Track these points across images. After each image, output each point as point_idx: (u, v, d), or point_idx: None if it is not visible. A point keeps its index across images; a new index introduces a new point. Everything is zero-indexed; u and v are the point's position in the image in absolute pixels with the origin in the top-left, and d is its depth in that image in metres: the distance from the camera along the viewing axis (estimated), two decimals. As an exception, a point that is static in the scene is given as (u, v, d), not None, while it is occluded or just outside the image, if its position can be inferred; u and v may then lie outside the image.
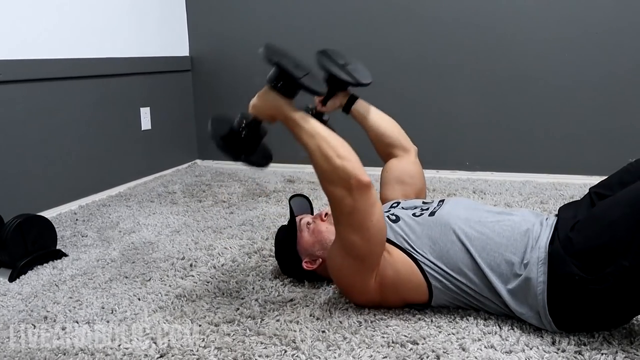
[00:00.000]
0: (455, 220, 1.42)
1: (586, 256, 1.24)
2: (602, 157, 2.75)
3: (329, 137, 1.39)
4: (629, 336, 1.30)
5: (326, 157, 1.36)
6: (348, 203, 1.35)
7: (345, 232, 1.39)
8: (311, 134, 1.39)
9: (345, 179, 1.34)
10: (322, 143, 1.37)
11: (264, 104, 1.45)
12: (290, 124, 1.43)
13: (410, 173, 1.79)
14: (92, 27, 2.77)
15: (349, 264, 1.42)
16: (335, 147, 1.36)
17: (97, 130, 2.82)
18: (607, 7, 2.68)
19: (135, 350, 1.33)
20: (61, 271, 1.85)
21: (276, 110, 1.43)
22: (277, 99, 1.43)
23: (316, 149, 1.37)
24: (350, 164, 1.34)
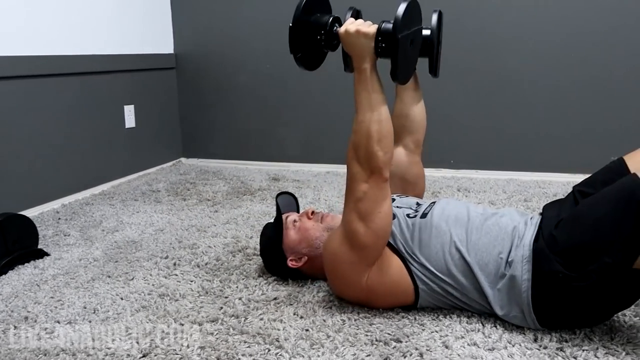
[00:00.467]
0: (445, 222, 1.43)
1: (570, 254, 1.25)
2: (585, 155, 2.78)
3: (385, 121, 1.35)
4: (610, 332, 1.31)
5: (369, 136, 1.33)
6: (362, 188, 1.35)
7: (350, 218, 1.38)
8: (371, 107, 1.35)
9: (370, 165, 1.34)
10: (374, 122, 1.34)
11: (355, 40, 1.36)
12: (360, 77, 1.37)
13: (415, 173, 1.77)
14: (76, 23, 2.74)
15: (346, 252, 1.40)
16: (383, 133, 1.34)
17: (81, 128, 2.79)
18: (592, 9, 2.71)
19: (118, 350, 1.32)
20: (42, 271, 1.83)
21: (359, 56, 1.37)
22: (369, 48, 1.35)
23: (366, 122, 1.34)
24: (384, 156, 1.34)
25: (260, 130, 3.39)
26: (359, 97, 1.37)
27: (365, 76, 1.36)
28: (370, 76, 1.36)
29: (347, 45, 1.39)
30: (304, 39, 1.42)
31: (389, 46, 1.32)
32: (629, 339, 1.29)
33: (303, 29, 1.40)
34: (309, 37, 1.42)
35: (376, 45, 1.34)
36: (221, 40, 3.40)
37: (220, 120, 3.49)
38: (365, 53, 1.35)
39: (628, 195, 1.18)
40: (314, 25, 1.42)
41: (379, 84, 1.37)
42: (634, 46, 2.67)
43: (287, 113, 3.33)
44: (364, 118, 1.35)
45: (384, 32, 1.33)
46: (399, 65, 1.34)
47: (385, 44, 1.32)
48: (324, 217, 1.63)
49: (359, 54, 1.36)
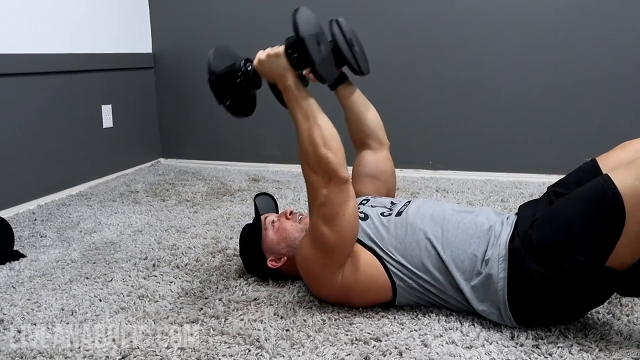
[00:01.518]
0: (421, 219, 1.45)
1: (544, 252, 1.27)
2: (559, 156, 2.83)
3: (324, 124, 1.38)
4: (584, 329, 1.34)
5: (313, 143, 1.36)
6: (323, 193, 1.36)
7: (316, 223, 1.40)
8: (306, 115, 1.39)
9: (325, 170, 1.35)
10: (314, 127, 1.37)
11: (270, 65, 1.42)
12: (289, 95, 1.41)
13: (383, 169, 1.80)
14: (53, 21, 2.71)
15: (316, 256, 1.42)
16: (325, 137, 1.36)
17: (57, 128, 2.76)
18: (565, 11, 2.76)
19: (97, 352, 1.31)
20: (19, 272, 1.81)
21: (279, 77, 1.42)
22: (285, 66, 1.40)
23: (306, 131, 1.38)
24: (334, 157, 1.35)
25: (239, 131, 3.38)
26: (293, 112, 1.41)
27: (292, 93, 1.40)
28: (297, 90, 1.40)
29: (265, 73, 1.44)
30: (226, 87, 1.47)
31: (299, 52, 1.37)
32: (602, 335, 1.32)
33: (222, 78, 1.46)
34: (230, 83, 1.47)
35: (289, 58, 1.39)
36: (200, 39, 3.38)
37: (199, 120, 3.47)
38: (283, 70, 1.40)
39: (600, 195, 1.21)
40: (230, 72, 1.47)
41: (308, 95, 1.42)
42: (606, 50, 2.73)
43: (266, 113, 3.31)
44: (303, 128, 1.39)
45: (290, 42, 1.38)
46: (315, 63, 1.37)
47: (295, 52, 1.37)
48: (302, 217, 1.64)
49: (278, 74, 1.41)
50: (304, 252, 1.47)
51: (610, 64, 2.74)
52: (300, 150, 1.40)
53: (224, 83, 1.46)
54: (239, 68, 1.47)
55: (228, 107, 1.49)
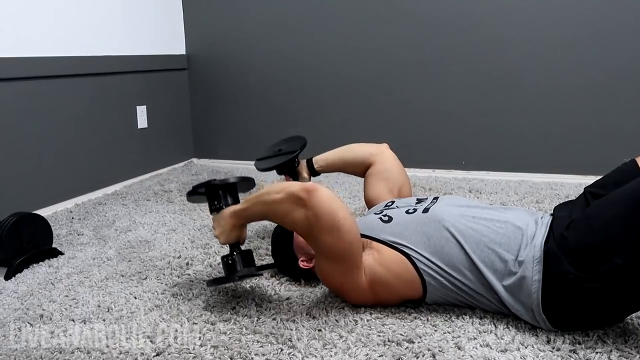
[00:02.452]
0: (448, 216, 1.43)
1: (580, 255, 1.24)
2: (597, 157, 2.76)
3: (264, 193, 1.47)
4: (624, 335, 1.31)
5: (273, 205, 1.44)
6: (310, 215, 1.37)
7: (319, 239, 1.40)
8: (256, 207, 1.48)
9: (293, 199, 1.39)
10: (263, 201, 1.46)
11: (223, 228, 1.53)
12: (246, 216, 1.52)
13: (386, 167, 1.89)
14: (88, 25, 2.77)
15: (333, 268, 1.43)
16: (270, 194, 1.45)
17: (93, 129, 2.82)
18: (599, 8, 2.69)
19: (132, 349, 1.33)
20: (57, 269, 1.85)
21: (234, 222, 1.53)
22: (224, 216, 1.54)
23: (267, 210, 1.47)
24: (287, 189, 1.41)
25: (271, 132, 3.39)
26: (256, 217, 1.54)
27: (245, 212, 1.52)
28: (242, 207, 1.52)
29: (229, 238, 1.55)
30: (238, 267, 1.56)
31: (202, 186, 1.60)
32: (642, 341, 1.28)
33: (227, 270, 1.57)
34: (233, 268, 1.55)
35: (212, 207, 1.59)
36: (232, 41, 3.41)
37: (231, 121, 3.51)
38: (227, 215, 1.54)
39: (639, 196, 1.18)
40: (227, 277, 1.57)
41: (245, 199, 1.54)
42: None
43: (296, 113, 3.34)
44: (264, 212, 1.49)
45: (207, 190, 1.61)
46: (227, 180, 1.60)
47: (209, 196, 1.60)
48: None
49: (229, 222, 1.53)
50: (321, 269, 1.47)
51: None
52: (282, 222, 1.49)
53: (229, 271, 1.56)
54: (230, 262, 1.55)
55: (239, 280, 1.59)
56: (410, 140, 3.08)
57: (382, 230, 1.47)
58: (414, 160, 3.05)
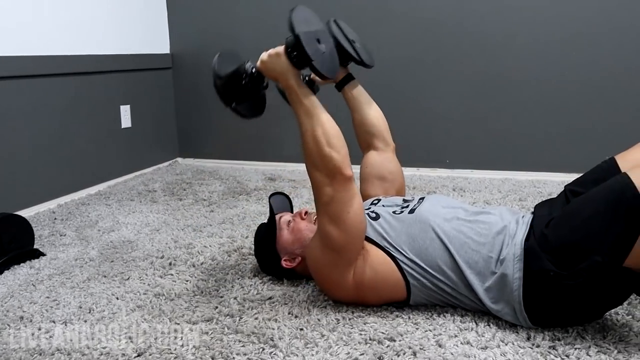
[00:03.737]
0: (434, 217, 1.44)
1: (560, 252, 1.25)
2: (578, 155, 2.78)
3: (326, 122, 1.39)
4: (602, 331, 1.32)
5: (316, 142, 1.37)
6: (327, 192, 1.37)
7: (323, 223, 1.40)
8: (309, 113, 1.40)
9: (328, 168, 1.36)
10: (316, 126, 1.38)
11: (271, 65, 1.44)
12: (291, 94, 1.43)
13: (390, 170, 1.80)
14: (72, 23, 2.74)
15: (326, 256, 1.43)
16: (328, 135, 1.37)
17: (77, 128, 2.80)
18: (586, 9, 2.72)
19: (113, 350, 1.32)
20: (38, 271, 1.84)
21: (282, 76, 1.43)
22: (286, 65, 1.41)
23: (309, 130, 1.39)
24: (337, 155, 1.36)
25: (256, 130, 3.39)
26: (297, 111, 1.42)
27: (294, 91, 1.42)
28: (299, 89, 1.42)
29: (268, 72, 1.46)
30: (231, 90, 1.49)
31: (299, 51, 1.38)
32: (620, 337, 1.29)
33: (226, 81, 1.48)
34: (235, 86, 1.49)
35: (289, 57, 1.41)
36: (217, 39, 3.40)
37: (216, 120, 3.49)
38: (285, 69, 1.42)
39: (618, 194, 1.19)
40: (234, 75, 1.49)
41: (310, 94, 1.43)
42: (628, 47, 2.68)
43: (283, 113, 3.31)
44: (306, 127, 1.40)
45: (288, 41, 1.40)
46: (313, 59, 1.37)
47: (294, 51, 1.39)
48: (316, 217, 1.63)
49: (280, 73, 1.43)
50: (313, 253, 1.47)
51: (631, 61, 2.69)
52: (304, 149, 1.41)
53: (229, 86, 1.48)
54: (243, 70, 1.48)
55: (234, 109, 1.51)
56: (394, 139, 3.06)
57: (369, 226, 1.47)
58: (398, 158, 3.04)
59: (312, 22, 1.45)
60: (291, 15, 1.38)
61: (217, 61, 1.48)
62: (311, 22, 1.45)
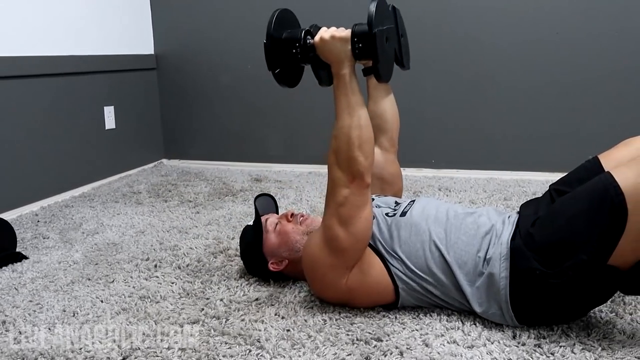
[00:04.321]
0: (425, 220, 1.44)
1: (546, 251, 1.26)
2: (563, 154, 2.81)
3: (365, 126, 1.36)
4: (586, 329, 1.33)
5: (349, 141, 1.34)
6: (343, 193, 1.35)
7: (331, 223, 1.38)
8: (352, 111, 1.35)
9: (352, 170, 1.34)
10: (355, 127, 1.34)
11: (331, 46, 1.36)
12: (340, 84, 1.37)
13: (392, 172, 1.78)
14: (54, 23, 2.71)
15: (326, 256, 1.41)
16: (362, 138, 1.34)
17: (60, 130, 2.77)
18: (567, 8, 2.75)
19: (98, 353, 1.31)
20: (21, 274, 1.81)
21: (337, 62, 1.37)
22: (346, 53, 1.35)
23: (345, 127, 1.35)
24: (365, 161, 1.34)
25: (241, 131, 3.39)
26: (339, 103, 1.37)
27: (344, 81, 1.36)
28: (350, 81, 1.36)
29: (324, 53, 1.38)
30: (280, 55, 1.42)
31: (366, 45, 1.32)
32: (604, 334, 1.31)
33: (277, 45, 1.41)
34: (285, 52, 1.43)
35: (353, 47, 1.34)
36: (202, 40, 3.38)
37: (201, 121, 3.48)
38: (343, 57, 1.36)
39: (601, 193, 1.20)
40: (288, 40, 1.42)
41: (358, 89, 1.37)
42: (609, 48, 2.71)
43: (268, 113, 3.33)
44: (344, 124, 1.35)
45: (359, 32, 1.33)
46: (381, 62, 1.33)
47: (362, 43, 1.32)
48: (304, 219, 1.63)
49: (337, 59, 1.37)
50: (312, 250, 1.45)
51: (613, 62, 2.72)
52: (334, 144, 1.37)
53: (279, 50, 1.41)
54: (297, 39, 1.41)
55: (276, 75, 1.44)
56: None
57: None
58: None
59: (385, 16, 1.39)
60: (372, 8, 1.30)
61: (274, 21, 1.41)
62: (385, 15, 1.39)
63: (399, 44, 1.58)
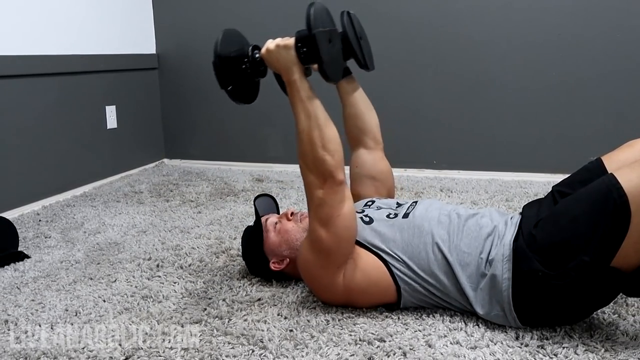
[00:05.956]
0: (428, 222, 1.44)
1: (549, 252, 1.26)
2: (564, 156, 2.82)
3: (324, 125, 1.37)
4: (589, 330, 1.33)
5: (312, 143, 1.36)
6: (318, 194, 1.37)
7: (313, 225, 1.40)
8: (308, 113, 1.38)
9: (321, 171, 1.35)
10: (314, 127, 1.36)
11: (278, 55, 1.40)
12: (292, 90, 1.40)
13: (381, 169, 1.78)
14: (56, 23, 2.71)
15: (315, 258, 1.42)
16: (325, 138, 1.36)
17: (62, 129, 2.77)
18: (569, 9, 2.75)
19: (100, 353, 1.31)
20: (23, 273, 1.81)
21: (286, 70, 1.40)
22: (293, 59, 1.38)
23: (306, 131, 1.37)
24: (331, 159, 1.35)
25: (243, 131, 3.39)
26: (295, 108, 1.40)
27: (296, 87, 1.39)
28: (301, 85, 1.39)
29: (272, 63, 1.42)
30: (230, 72, 1.46)
31: (309, 48, 1.35)
32: (608, 336, 1.31)
33: (227, 62, 1.45)
34: (235, 69, 1.47)
35: (298, 52, 1.37)
36: (204, 40, 3.35)
37: (203, 120, 3.48)
38: (290, 64, 1.39)
39: (604, 194, 1.20)
40: (237, 57, 1.47)
41: (311, 92, 1.40)
42: (611, 49, 2.71)
43: (270, 113, 3.32)
44: (303, 127, 1.38)
45: (301, 36, 1.37)
46: (324, 61, 1.36)
47: (305, 47, 1.36)
48: (303, 216, 1.63)
49: (285, 66, 1.40)
50: (303, 255, 1.47)
51: (615, 63, 2.72)
52: (299, 148, 1.40)
53: (229, 67, 1.44)
54: (245, 54, 1.45)
55: (229, 92, 1.48)
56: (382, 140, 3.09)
57: (363, 230, 1.47)
58: (386, 159, 3.06)
59: (326, 20, 1.41)
60: (310, 12, 1.34)
61: (220, 39, 1.44)
62: (325, 19, 1.41)
63: (360, 46, 1.61)
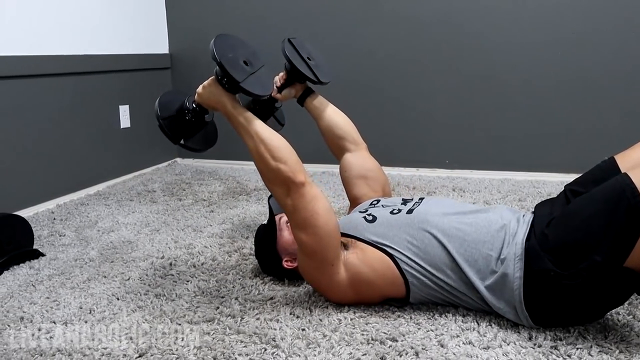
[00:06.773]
0: (433, 217, 1.44)
1: (561, 252, 1.25)
2: (578, 155, 2.79)
3: (268, 138, 1.44)
4: (604, 331, 1.32)
5: (262, 158, 1.42)
6: (288, 203, 1.41)
7: (294, 232, 1.45)
8: (250, 134, 1.45)
9: (280, 180, 1.41)
10: (258, 143, 1.43)
11: (208, 95, 1.52)
12: (231, 119, 1.49)
13: (369, 167, 1.83)
14: (71, 23, 2.74)
15: (308, 262, 1.46)
16: (272, 149, 1.42)
17: (76, 128, 2.79)
18: (583, 7, 2.72)
19: (114, 350, 1.32)
20: (38, 271, 1.83)
21: (218, 104, 1.51)
22: (220, 92, 1.50)
23: (254, 149, 1.45)
24: (284, 166, 1.40)
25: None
26: (239, 133, 1.49)
27: (233, 116, 1.49)
28: (237, 112, 1.48)
29: (207, 103, 1.55)
30: (176, 129, 1.58)
31: (226, 76, 1.45)
32: (622, 337, 1.30)
33: (169, 122, 1.58)
34: (179, 124, 1.59)
35: (221, 84, 1.49)
36: (216, 40, 3.39)
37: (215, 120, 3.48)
38: (220, 97, 1.50)
39: (618, 194, 1.19)
40: (177, 114, 1.59)
41: (248, 114, 1.49)
42: (625, 47, 2.69)
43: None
44: (250, 147, 1.46)
45: (217, 69, 1.48)
46: (239, 81, 1.44)
47: (224, 78, 1.46)
48: None
49: (216, 102, 1.51)
50: (299, 262, 1.51)
51: (629, 61, 2.70)
52: (257, 167, 1.46)
53: (173, 125, 1.57)
54: (183, 107, 1.57)
55: (184, 146, 1.60)
56: (394, 139, 3.09)
57: (366, 230, 1.47)
58: (398, 159, 3.06)
59: (237, 47, 1.52)
60: (211, 45, 1.44)
61: (158, 105, 1.59)
62: (237, 46, 1.52)
63: (308, 66, 1.77)
